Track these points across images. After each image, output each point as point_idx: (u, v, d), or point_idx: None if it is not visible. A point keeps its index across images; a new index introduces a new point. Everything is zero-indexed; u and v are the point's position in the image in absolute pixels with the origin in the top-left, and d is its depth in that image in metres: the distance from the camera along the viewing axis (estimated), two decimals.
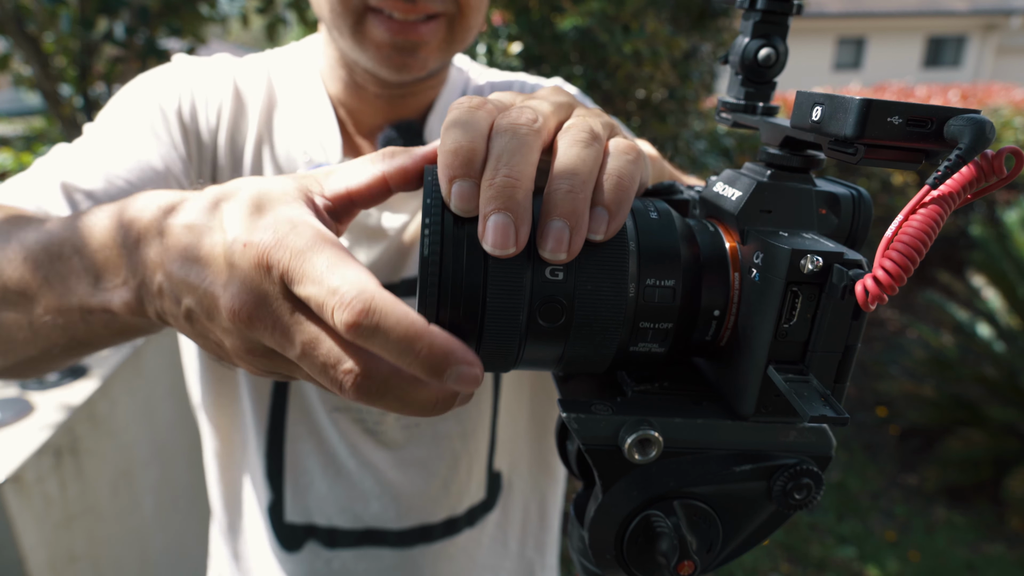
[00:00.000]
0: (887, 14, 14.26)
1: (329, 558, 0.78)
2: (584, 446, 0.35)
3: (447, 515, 0.79)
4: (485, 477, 0.81)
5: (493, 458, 0.81)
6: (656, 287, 0.34)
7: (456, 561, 0.81)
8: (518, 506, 0.87)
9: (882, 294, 0.28)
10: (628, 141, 0.36)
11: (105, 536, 1.30)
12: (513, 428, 0.82)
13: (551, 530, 0.92)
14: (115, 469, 1.35)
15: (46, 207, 0.58)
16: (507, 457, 0.83)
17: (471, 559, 0.82)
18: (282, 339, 0.32)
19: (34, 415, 1.20)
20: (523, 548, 0.88)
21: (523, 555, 0.88)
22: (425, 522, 0.78)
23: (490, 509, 0.83)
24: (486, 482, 0.81)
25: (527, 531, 0.89)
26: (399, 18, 0.61)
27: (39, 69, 2.31)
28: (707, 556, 0.36)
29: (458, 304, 0.32)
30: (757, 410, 0.34)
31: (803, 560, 2.56)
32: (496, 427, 0.80)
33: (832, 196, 0.37)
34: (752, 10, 0.37)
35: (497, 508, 0.84)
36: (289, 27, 2.93)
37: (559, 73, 2.51)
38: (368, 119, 0.73)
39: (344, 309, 0.29)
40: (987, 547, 2.73)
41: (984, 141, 0.27)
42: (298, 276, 0.31)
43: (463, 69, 0.79)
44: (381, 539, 0.77)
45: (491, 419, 0.79)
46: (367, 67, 0.66)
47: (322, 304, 0.30)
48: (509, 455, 0.83)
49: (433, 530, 0.79)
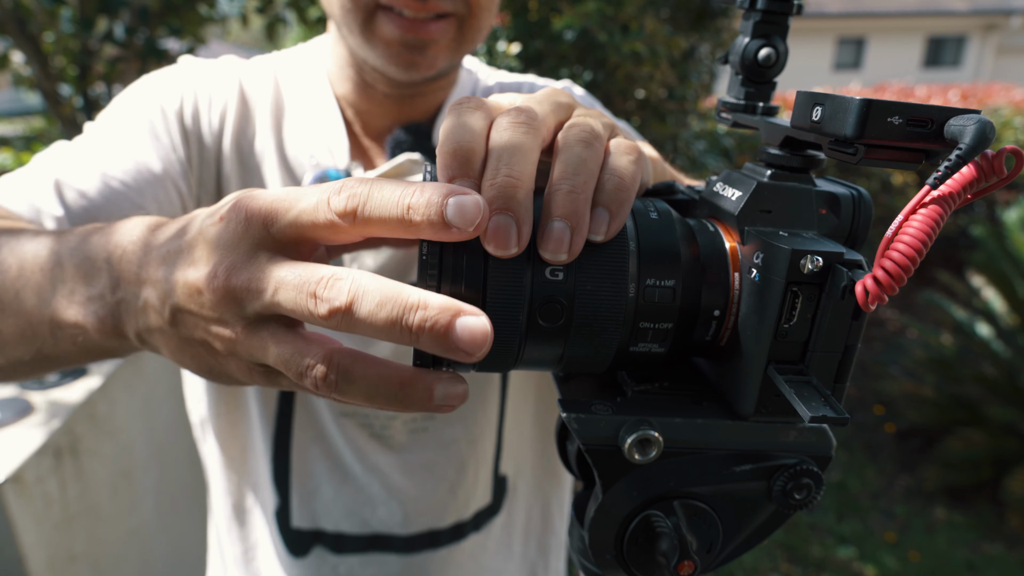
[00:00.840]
0: (887, 14, 14.26)
1: (336, 564, 0.77)
2: (584, 446, 0.35)
3: (455, 520, 0.79)
4: (491, 481, 0.81)
5: (499, 462, 0.81)
6: (656, 287, 0.34)
7: (463, 567, 0.81)
8: (522, 509, 0.86)
9: (882, 294, 0.28)
10: (629, 141, 0.36)
11: (105, 536, 1.30)
12: (519, 432, 0.82)
13: (556, 534, 0.91)
14: (115, 469, 1.35)
15: (38, 204, 0.58)
16: (512, 461, 0.83)
17: (477, 564, 0.82)
18: (259, 292, 0.32)
19: (34, 415, 1.20)
20: (526, 550, 0.88)
21: (525, 556, 0.88)
22: (433, 527, 0.78)
23: (496, 513, 0.83)
24: (492, 486, 0.81)
25: (530, 534, 0.88)
26: (409, 15, 0.61)
27: (39, 69, 2.31)
28: (707, 556, 0.36)
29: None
30: (757, 410, 0.34)
31: (803, 560, 2.56)
32: (502, 431, 0.80)
33: (832, 196, 0.37)
34: (752, 10, 0.37)
35: (503, 512, 0.84)
36: (289, 27, 2.93)
37: (558, 73, 2.51)
38: (377, 120, 0.72)
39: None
40: (987, 547, 2.74)
41: (984, 141, 0.27)
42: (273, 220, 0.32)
43: (472, 71, 0.79)
44: (388, 545, 0.77)
45: (498, 423, 0.79)
46: (376, 65, 0.65)
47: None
48: (514, 459, 0.83)
49: (441, 535, 0.78)
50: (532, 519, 0.88)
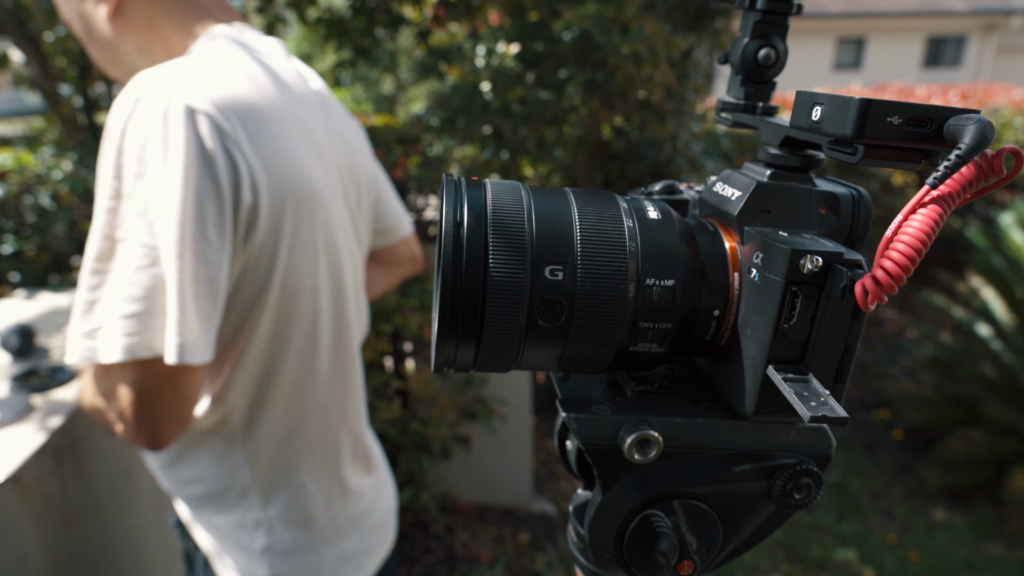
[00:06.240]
0: (887, 14, 14.26)
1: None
2: (584, 446, 0.35)
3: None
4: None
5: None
6: (656, 287, 0.34)
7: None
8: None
9: (882, 294, 0.28)
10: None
11: (105, 536, 1.30)
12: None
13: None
14: (115, 469, 1.35)
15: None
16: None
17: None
18: None
19: (34, 415, 1.20)
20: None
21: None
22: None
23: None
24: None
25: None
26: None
27: (39, 69, 2.31)
28: (707, 556, 0.36)
29: (458, 304, 0.32)
30: (757, 410, 0.34)
31: (803, 560, 2.56)
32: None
33: (832, 196, 0.37)
34: (752, 10, 0.37)
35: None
36: (288, 26, 2.93)
37: (558, 74, 2.50)
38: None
39: None
40: (987, 547, 2.73)
41: (984, 141, 0.27)
42: None
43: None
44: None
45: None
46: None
47: None
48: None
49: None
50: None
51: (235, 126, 0.68)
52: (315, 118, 0.84)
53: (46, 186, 2.35)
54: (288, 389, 0.84)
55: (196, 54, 0.75)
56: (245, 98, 0.71)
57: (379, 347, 2.14)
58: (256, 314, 0.77)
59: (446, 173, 0.35)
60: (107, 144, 0.67)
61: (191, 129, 0.65)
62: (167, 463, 0.87)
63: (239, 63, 0.75)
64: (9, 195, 2.30)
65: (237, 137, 0.68)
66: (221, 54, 0.75)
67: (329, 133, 0.86)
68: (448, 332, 0.32)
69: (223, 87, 0.70)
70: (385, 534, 1.03)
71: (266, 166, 0.72)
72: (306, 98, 0.84)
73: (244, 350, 0.79)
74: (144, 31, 0.78)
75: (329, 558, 0.91)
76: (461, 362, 0.34)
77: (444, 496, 2.49)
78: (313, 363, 0.85)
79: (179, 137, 0.64)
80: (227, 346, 0.79)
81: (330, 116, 0.89)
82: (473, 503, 2.54)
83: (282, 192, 0.73)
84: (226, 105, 0.68)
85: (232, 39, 0.78)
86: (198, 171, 0.65)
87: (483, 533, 2.42)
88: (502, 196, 0.34)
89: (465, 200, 0.33)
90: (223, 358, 0.79)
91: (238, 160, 0.68)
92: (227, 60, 0.74)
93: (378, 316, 2.10)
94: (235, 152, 0.68)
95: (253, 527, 0.86)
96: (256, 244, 0.73)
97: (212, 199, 0.66)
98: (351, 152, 0.92)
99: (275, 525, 0.87)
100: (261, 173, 0.71)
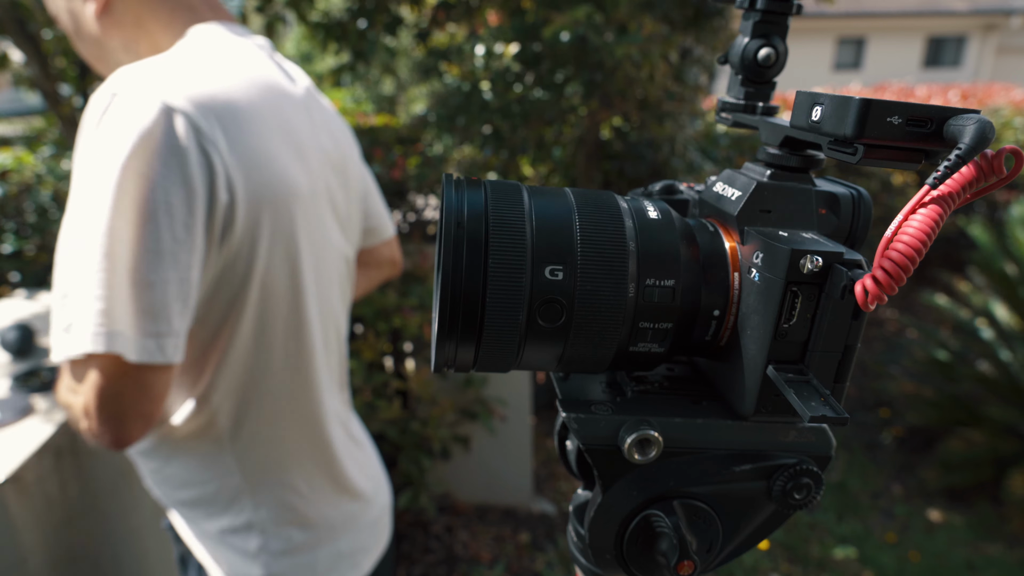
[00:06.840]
0: (887, 14, 14.26)
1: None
2: (584, 446, 0.35)
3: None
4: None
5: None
6: (656, 287, 0.34)
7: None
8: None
9: (882, 294, 0.28)
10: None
11: (105, 536, 1.30)
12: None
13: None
14: (115, 469, 1.35)
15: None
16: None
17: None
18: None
19: (34, 415, 1.20)
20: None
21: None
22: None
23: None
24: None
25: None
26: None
27: (39, 69, 2.31)
28: (707, 556, 0.36)
29: (458, 304, 0.32)
30: (757, 410, 0.34)
31: (803, 560, 2.56)
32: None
33: (832, 196, 0.37)
34: (752, 10, 0.37)
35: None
36: (288, 26, 2.93)
37: (556, 75, 2.50)
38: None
39: None
40: (987, 547, 2.73)
41: (984, 141, 0.27)
42: None
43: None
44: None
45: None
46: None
47: None
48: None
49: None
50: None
51: (212, 124, 0.68)
52: (299, 117, 0.83)
53: (46, 186, 2.35)
54: (275, 389, 0.83)
55: (178, 51, 0.75)
56: (224, 97, 0.71)
57: (379, 347, 2.14)
58: (236, 314, 0.77)
59: (446, 173, 0.35)
60: (82, 137, 0.67)
61: (166, 126, 0.65)
62: (155, 468, 0.87)
63: (220, 61, 0.75)
64: (9, 195, 2.30)
65: (214, 136, 0.68)
66: (203, 52, 0.75)
67: (314, 132, 0.86)
68: (448, 332, 0.32)
69: (202, 85, 0.69)
70: (380, 532, 1.02)
71: (243, 165, 0.71)
72: (290, 97, 0.83)
73: (227, 350, 0.78)
74: (131, 29, 0.78)
75: (325, 557, 0.91)
76: (461, 362, 0.34)
77: (444, 496, 2.49)
78: (300, 363, 0.84)
79: (150, 133, 0.64)
80: (208, 346, 0.78)
81: (315, 115, 0.88)
82: (473, 503, 2.54)
83: (260, 191, 0.73)
84: (204, 103, 0.68)
85: (216, 37, 0.78)
86: (165, 167, 0.64)
87: (483, 533, 2.42)
88: (502, 196, 0.34)
89: (465, 200, 0.33)
90: (205, 358, 0.79)
91: (214, 159, 0.68)
92: (208, 58, 0.74)
93: (378, 316, 2.10)
94: (211, 151, 0.67)
95: (245, 529, 0.86)
96: (234, 243, 0.72)
97: (181, 197, 0.65)
98: (339, 151, 0.91)
99: (268, 526, 0.87)
100: (238, 172, 0.70)
